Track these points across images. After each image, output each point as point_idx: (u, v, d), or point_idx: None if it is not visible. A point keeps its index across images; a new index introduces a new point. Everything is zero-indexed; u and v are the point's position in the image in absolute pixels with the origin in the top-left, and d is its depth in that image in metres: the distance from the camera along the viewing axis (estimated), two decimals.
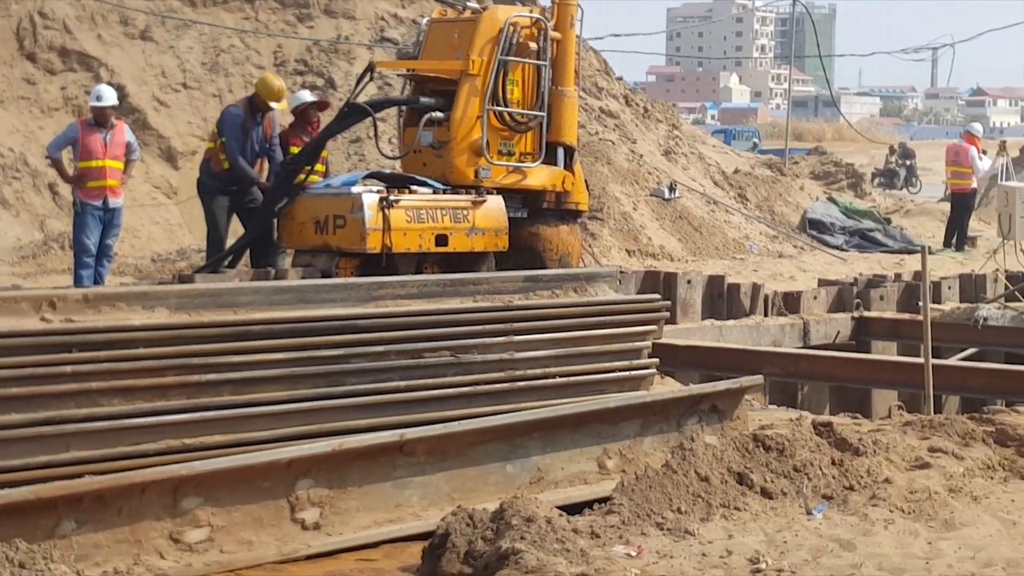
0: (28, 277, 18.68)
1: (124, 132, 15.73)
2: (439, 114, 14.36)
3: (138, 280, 17.71)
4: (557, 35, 14.73)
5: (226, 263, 14.50)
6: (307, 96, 16.13)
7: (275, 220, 14.40)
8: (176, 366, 8.37)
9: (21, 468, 7.68)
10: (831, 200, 30.30)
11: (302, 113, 15.72)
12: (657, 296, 11.32)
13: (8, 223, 21.46)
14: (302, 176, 14.37)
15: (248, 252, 14.78)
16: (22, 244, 20.75)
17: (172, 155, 24.59)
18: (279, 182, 14.41)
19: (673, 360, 13.01)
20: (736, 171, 31.02)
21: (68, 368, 7.98)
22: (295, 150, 15.15)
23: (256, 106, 15.00)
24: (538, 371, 9.98)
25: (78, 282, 15.06)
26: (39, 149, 21.60)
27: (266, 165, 15.23)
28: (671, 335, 13.47)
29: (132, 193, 17.91)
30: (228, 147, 14.82)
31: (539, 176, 14.69)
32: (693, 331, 14.75)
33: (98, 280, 15.17)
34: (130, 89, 24.30)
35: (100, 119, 15.40)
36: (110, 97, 15.60)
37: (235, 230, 15.78)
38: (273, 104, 14.99)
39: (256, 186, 14.97)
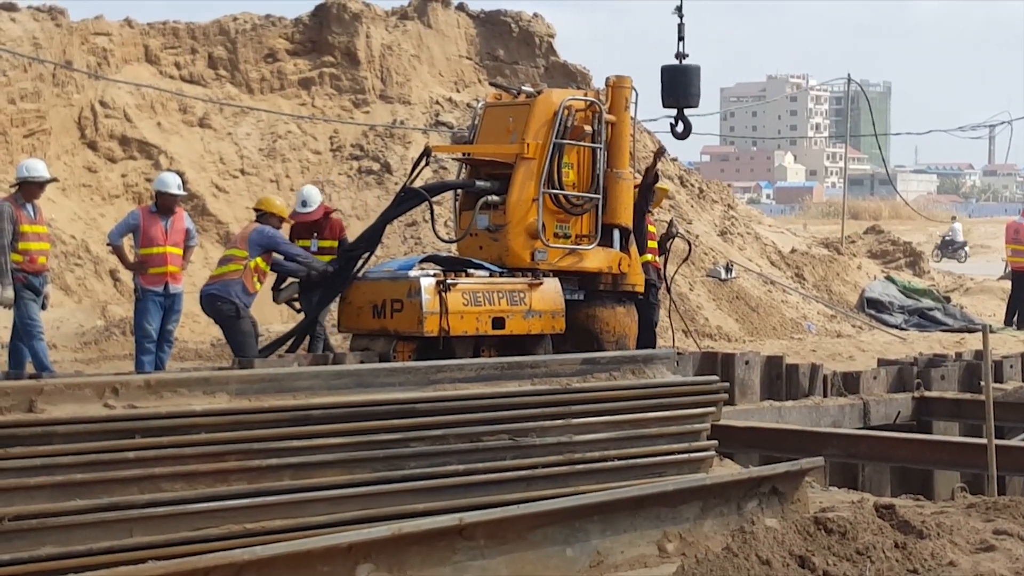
0: (90, 363, 18.82)
1: (183, 219, 15.89)
2: (495, 197, 14.46)
3: (199, 365, 17.81)
4: (612, 118, 14.82)
5: (286, 347, 14.62)
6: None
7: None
8: (237, 451, 8.40)
9: (85, 554, 7.71)
10: (889, 279, 30.16)
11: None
12: (715, 377, 11.27)
13: (70, 309, 21.66)
14: (360, 263, 14.49)
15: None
16: (84, 330, 20.92)
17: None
18: (339, 268, 14.53)
19: (732, 442, 12.95)
20: (793, 251, 30.96)
21: (131, 454, 8.02)
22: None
23: (273, 224, 15.41)
24: (596, 454, 9.94)
25: (140, 368, 15.16)
26: (100, 236, 21.85)
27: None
28: (730, 416, 13.41)
29: (192, 279, 18.05)
30: (299, 256, 15.15)
31: (595, 258, 14.73)
32: (752, 412, 14.68)
33: (159, 366, 15.28)
34: (189, 175, 24.57)
35: (166, 206, 15.56)
36: (178, 185, 15.83)
37: (292, 313, 15.88)
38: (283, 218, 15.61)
39: (325, 274, 15.11)
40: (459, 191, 15.15)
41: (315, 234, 15.78)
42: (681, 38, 15.56)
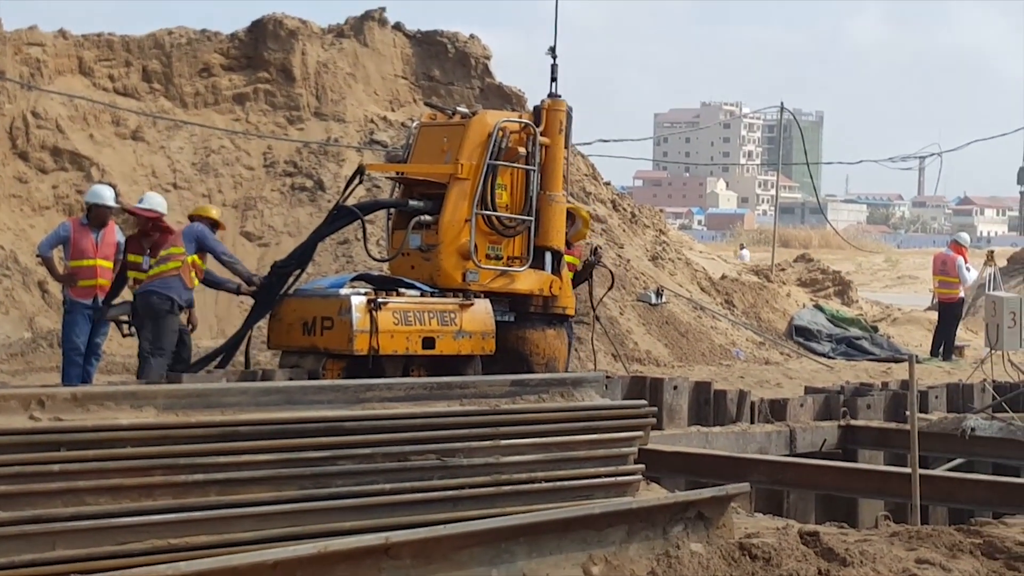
0: (16, 375, 18.66)
1: (115, 232, 15.80)
2: (428, 217, 14.47)
3: (126, 379, 17.69)
4: (546, 140, 14.86)
5: (215, 362, 14.55)
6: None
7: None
8: (163, 466, 8.36)
9: (6, 567, 7.64)
10: (818, 307, 30.37)
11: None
12: (643, 402, 11.32)
13: None
14: (292, 279, 14.45)
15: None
16: (11, 342, 20.74)
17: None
18: (270, 285, 14.48)
19: (659, 466, 12.99)
20: (723, 277, 31.12)
21: (56, 467, 7.96)
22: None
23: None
24: (524, 476, 9.96)
25: (67, 381, 15.06)
26: (30, 247, 21.66)
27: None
28: (657, 441, 13.45)
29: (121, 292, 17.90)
30: (225, 255, 15.18)
31: (527, 280, 14.76)
32: (679, 437, 14.74)
33: (86, 379, 15.18)
34: (121, 188, 24.33)
35: (98, 219, 15.47)
36: (112, 197, 15.73)
37: (222, 329, 15.80)
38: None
39: (250, 281, 15.10)
40: (392, 210, 15.15)
41: (148, 250, 15.33)
42: (554, 79, 15.60)
